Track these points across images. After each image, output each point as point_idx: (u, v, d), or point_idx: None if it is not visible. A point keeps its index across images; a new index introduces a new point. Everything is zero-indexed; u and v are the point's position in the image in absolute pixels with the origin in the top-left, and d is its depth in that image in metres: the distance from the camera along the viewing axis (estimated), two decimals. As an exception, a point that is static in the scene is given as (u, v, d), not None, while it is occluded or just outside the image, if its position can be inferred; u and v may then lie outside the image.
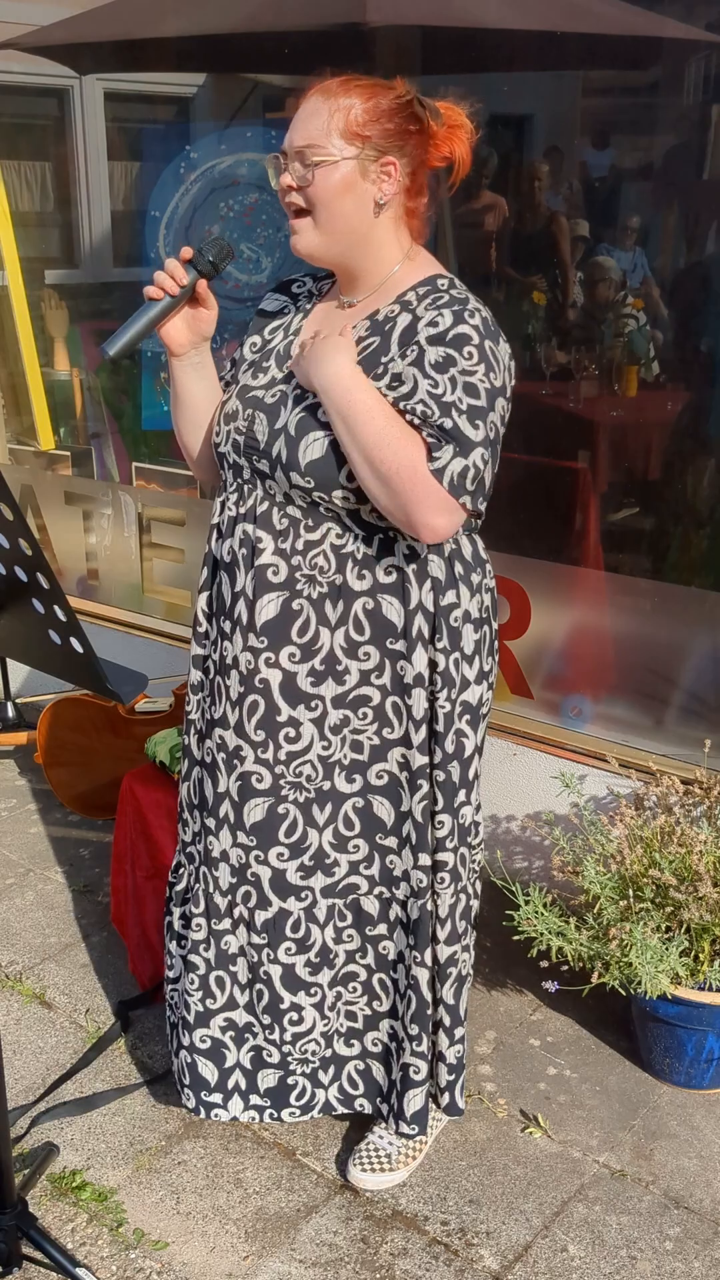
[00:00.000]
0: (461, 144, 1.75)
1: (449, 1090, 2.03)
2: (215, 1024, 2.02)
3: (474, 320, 1.67)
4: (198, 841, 2.00)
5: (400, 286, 1.76)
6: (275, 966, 1.96)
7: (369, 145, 1.66)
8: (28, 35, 3.54)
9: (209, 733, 1.93)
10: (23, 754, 3.82)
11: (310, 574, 1.78)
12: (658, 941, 2.17)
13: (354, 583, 1.78)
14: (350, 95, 1.67)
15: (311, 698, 1.83)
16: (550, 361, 2.83)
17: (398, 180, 1.70)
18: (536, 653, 2.93)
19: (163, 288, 1.75)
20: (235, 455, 1.81)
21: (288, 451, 1.72)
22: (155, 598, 3.78)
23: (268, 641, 1.81)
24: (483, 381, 1.65)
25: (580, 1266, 1.96)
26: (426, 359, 1.66)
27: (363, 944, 1.98)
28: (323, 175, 1.66)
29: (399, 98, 1.68)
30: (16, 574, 1.44)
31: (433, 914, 1.93)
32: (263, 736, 1.85)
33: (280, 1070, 2.02)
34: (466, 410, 1.64)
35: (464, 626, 1.83)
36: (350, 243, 1.73)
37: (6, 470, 4.08)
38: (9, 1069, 2.39)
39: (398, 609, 1.79)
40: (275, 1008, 1.98)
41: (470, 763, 1.91)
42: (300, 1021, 1.98)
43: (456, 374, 1.65)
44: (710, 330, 2.56)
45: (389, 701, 1.83)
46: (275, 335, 1.88)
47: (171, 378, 1.89)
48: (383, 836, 1.91)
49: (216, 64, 3.29)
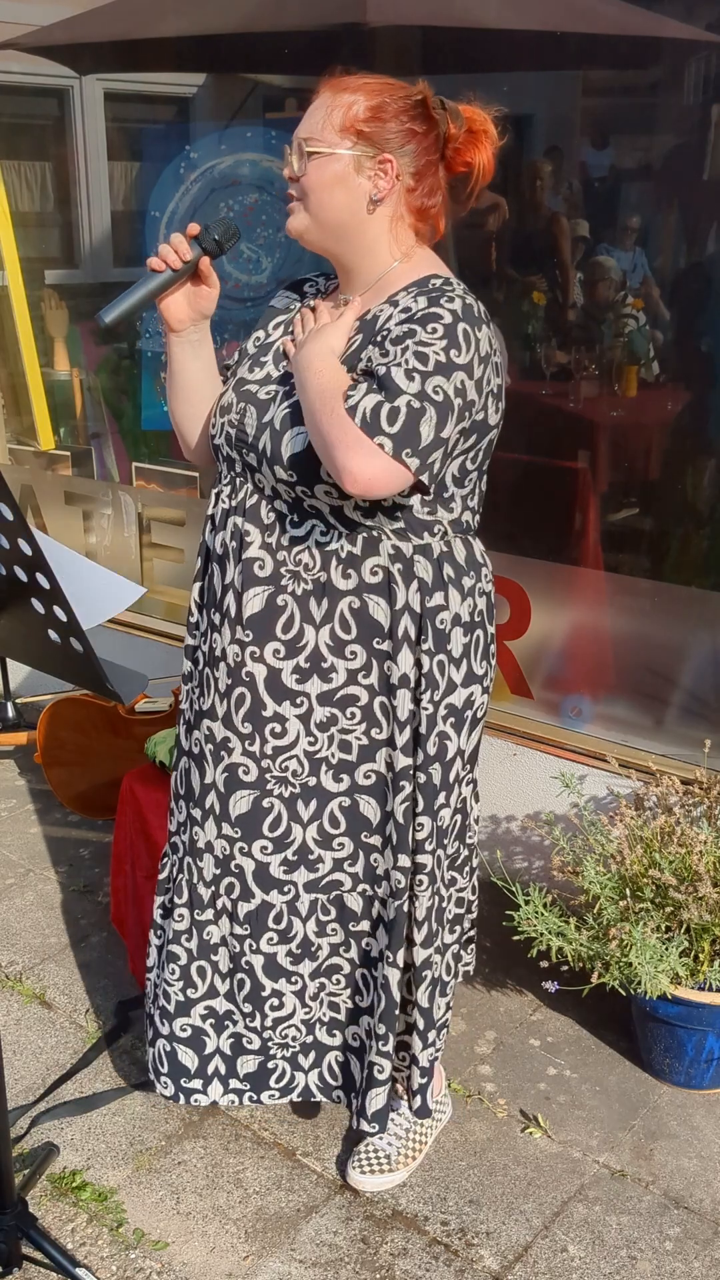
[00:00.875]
0: (484, 151, 1.75)
1: (420, 1093, 2.02)
2: (196, 1013, 2.03)
3: (452, 305, 1.65)
4: (183, 831, 2.00)
5: (394, 286, 1.76)
6: (257, 956, 1.96)
7: (366, 141, 1.68)
8: (28, 35, 3.54)
9: (197, 723, 1.94)
10: (23, 754, 3.82)
11: (295, 570, 1.79)
12: (657, 941, 2.17)
13: (339, 581, 1.78)
14: (356, 92, 1.69)
15: (297, 694, 1.83)
16: (550, 361, 2.83)
17: (394, 178, 1.70)
18: (536, 653, 2.93)
19: (165, 261, 1.74)
20: (228, 448, 1.82)
21: (272, 445, 1.73)
22: (155, 598, 3.78)
23: (254, 635, 1.81)
24: (438, 354, 1.61)
25: (580, 1267, 1.96)
26: (389, 338, 1.67)
27: (346, 938, 1.98)
28: (315, 167, 1.69)
29: (407, 98, 1.69)
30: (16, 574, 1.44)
31: (409, 916, 1.93)
32: (250, 730, 1.86)
33: (260, 1055, 2.04)
34: (404, 366, 1.61)
35: (452, 630, 1.83)
36: (339, 235, 1.74)
37: (6, 470, 4.08)
38: (9, 1069, 2.39)
39: (384, 609, 1.79)
40: (256, 995, 1.99)
41: (451, 765, 1.90)
42: (281, 1007, 2.00)
43: (411, 344, 1.63)
44: (710, 330, 2.56)
45: (377, 702, 1.83)
46: (276, 331, 1.88)
47: (169, 356, 1.88)
48: (368, 835, 1.91)
49: (216, 64, 3.29)
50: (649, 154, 2.59)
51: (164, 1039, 2.05)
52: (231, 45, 3.19)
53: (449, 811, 1.94)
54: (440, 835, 1.92)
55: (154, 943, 2.09)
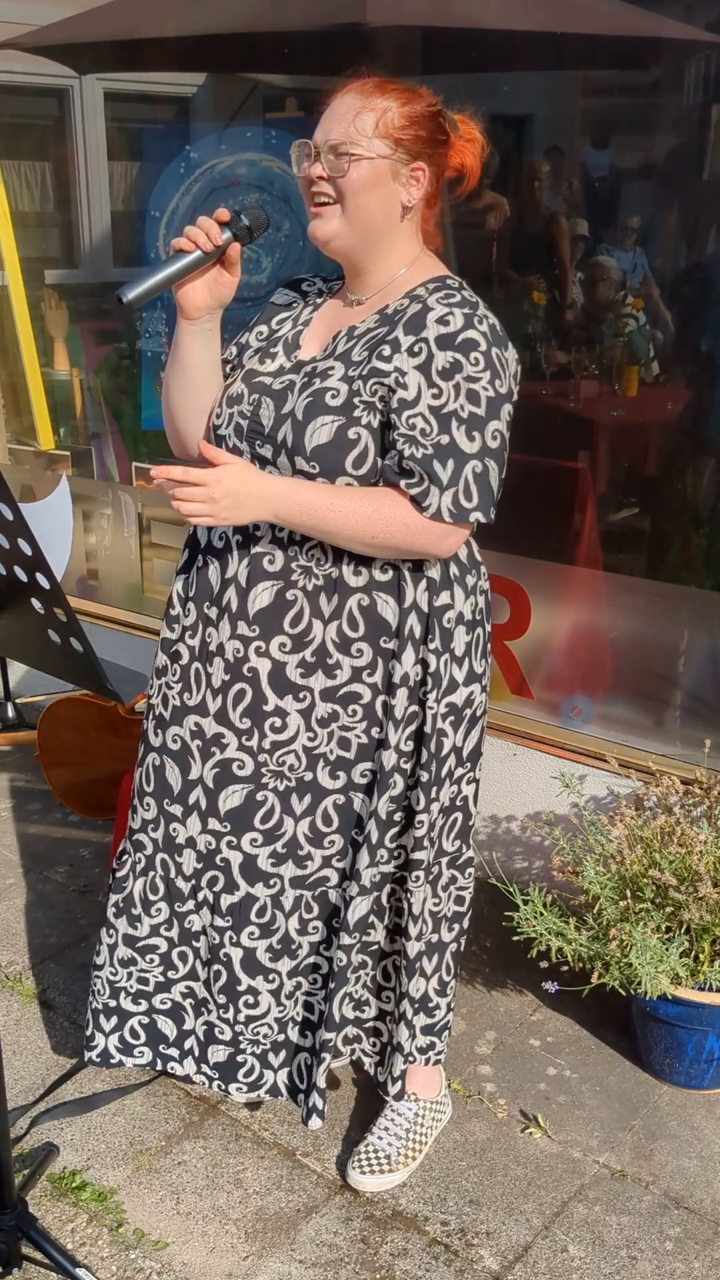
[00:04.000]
0: (473, 156, 1.80)
1: (401, 1079, 2.05)
2: (177, 990, 2.06)
3: (482, 326, 1.69)
4: (151, 829, 2.00)
5: (409, 285, 1.77)
6: (236, 949, 1.97)
7: (402, 149, 1.69)
8: (28, 35, 3.54)
9: (176, 720, 1.93)
10: (22, 754, 3.82)
11: (306, 565, 1.79)
12: (658, 942, 2.17)
13: (349, 578, 1.78)
14: (387, 98, 1.69)
15: (300, 689, 1.83)
16: (550, 361, 2.83)
17: (424, 186, 1.73)
18: (536, 653, 2.93)
19: (195, 242, 1.69)
20: (236, 439, 1.80)
21: (294, 436, 1.72)
22: (155, 598, 3.79)
23: (259, 630, 1.81)
24: (486, 389, 1.67)
25: (580, 1267, 1.96)
26: (434, 364, 1.67)
27: (327, 936, 1.98)
28: (356, 169, 1.68)
29: (430, 106, 1.72)
30: (16, 574, 1.44)
31: (405, 911, 1.95)
32: (248, 724, 1.85)
33: (230, 1048, 2.04)
34: (467, 419, 1.66)
35: (456, 628, 1.84)
36: (368, 238, 1.74)
37: (6, 470, 4.08)
38: (9, 1069, 2.39)
39: (393, 608, 1.79)
40: (232, 989, 1.99)
41: (445, 762, 1.91)
42: (255, 1005, 2.00)
43: (461, 380, 1.66)
44: (710, 330, 2.56)
45: (379, 701, 1.84)
46: (284, 325, 1.88)
47: (177, 344, 1.85)
48: (359, 833, 1.91)
49: (216, 64, 3.29)
50: (649, 154, 2.60)
51: (139, 1015, 2.07)
52: (231, 45, 3.19)
53: (442, 808, 1.94)
54: (432, 830, 1.93)
55: (104, 941, 2.08)
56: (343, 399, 1.70)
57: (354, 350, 1.74)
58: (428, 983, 2.05)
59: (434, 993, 2.08)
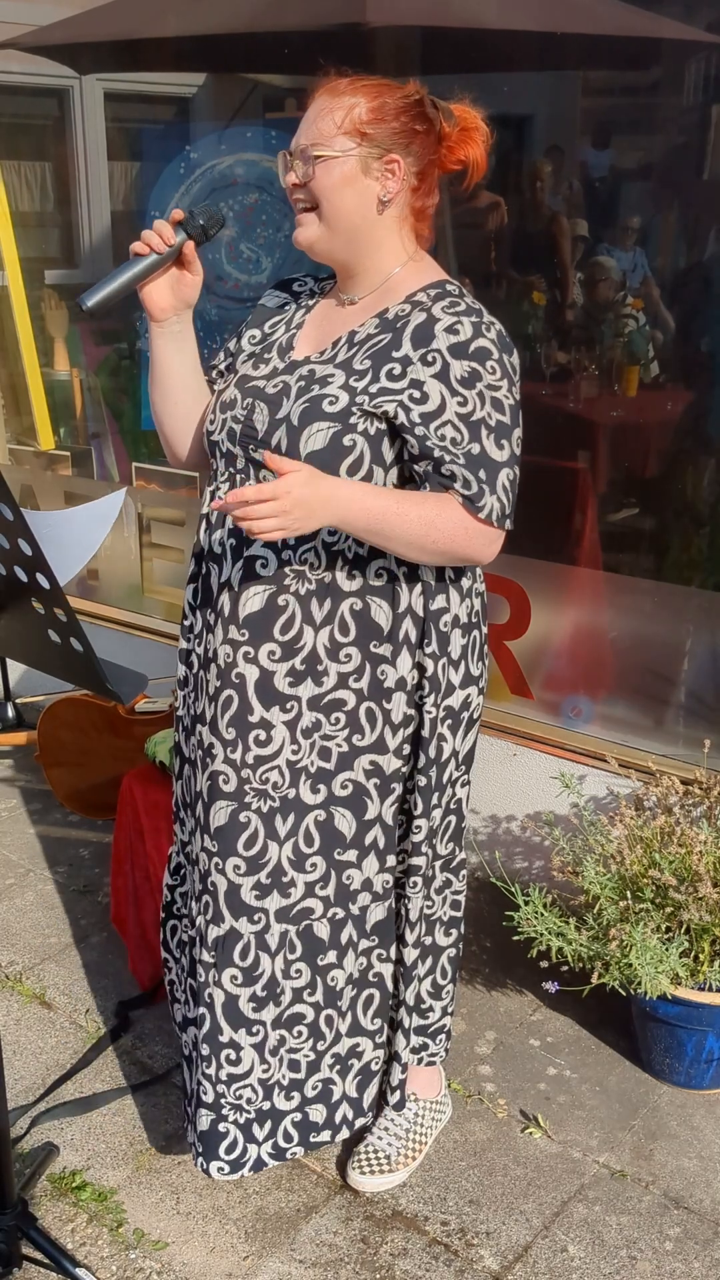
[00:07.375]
0: (476, 147, 1.77)
1: (400, 1088, 2.02)
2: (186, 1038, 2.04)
3: (490, 334, 1.68)
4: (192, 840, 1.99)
5: (407, 287, 1.75)
6: (219, 991, 1.88)
7: (370, 143, 1.67)
8: (28, 35, 3.54)
9: (193, 729, 1.91)
10: (22, 754, 3.83)
11: (300, 569, 1.76)
12: (657, 942, 2.17)
13: (343, 582, 1.76)
14: (356, 94, 1.68)
15: (287, 699, 1.79)
16: (550, 361, 2.83)
17: (402, 179, 1.70)
18: (536, 653, 2.93)
19: (149, 245, 1.72)
20: (230, 444, 1.79)
21: (288, 441, 1.70)
22: (155, 598, 3.79)
23: (249, 635, 1.77)
24: (507, 397, 1.68)
25: (580, 1267, 1.96)
26: (452, 373, 1.65)
27: (312, 978, 1.92)
28: (323, 170, 1.67)
29: (406, 97, 1.69)
30: (16, 574, 1.44)
31: (403, 916, 1.93)
32: (233, 735, 1.81)
33: (212, 1113, 1.93)
34: (495, 427, 1.66)
35: (452, 631, 1.82)
36: (351, 238, 1.73)
37: (6, 470, 4.08)
38: (9, 1069, 2.39)
39: (386, 612, 1.78)
40: (214, 1039, 1.90)
41: (445, 767, 1.89)
42: (238, 1062, 1.90)
43: (484, 389, 1.65)
44: (710, 330, 2.57)
45: (363, 707, 1.80)
46: (276, 329, 1.86)
47: (151, 349, 1.85)
48: (340, 851, 1.87)
49: (216, 64, 3.29)
50: (649, 154, 2.60)
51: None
52: (231, 45, 3.19)
53: (441, 812, 1.93)
54: (432, 836, 1.92)
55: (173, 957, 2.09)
56: (340, 406, 1.68)
57: (355, 358, 1.71)
58: (420, 985, 2.04)
59: (427, 994, 2.07)
